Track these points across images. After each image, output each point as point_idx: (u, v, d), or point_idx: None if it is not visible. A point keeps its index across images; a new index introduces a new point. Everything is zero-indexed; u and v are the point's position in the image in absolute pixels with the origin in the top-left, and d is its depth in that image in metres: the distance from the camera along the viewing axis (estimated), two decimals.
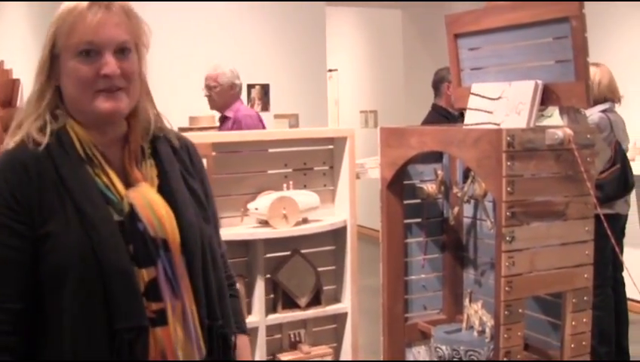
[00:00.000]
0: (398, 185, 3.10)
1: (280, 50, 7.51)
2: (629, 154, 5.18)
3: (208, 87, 5.34)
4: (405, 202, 3.15)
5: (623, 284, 5.25)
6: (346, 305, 3.42)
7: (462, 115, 4.07)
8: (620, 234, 5.20)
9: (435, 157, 3.21)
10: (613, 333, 5.10)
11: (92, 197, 1.67)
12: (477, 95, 2.98)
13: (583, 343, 2.70)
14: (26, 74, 8.51)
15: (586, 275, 2.69)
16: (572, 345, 2.68)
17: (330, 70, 9.89)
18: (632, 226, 5.93)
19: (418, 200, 3.23)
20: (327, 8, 8.06)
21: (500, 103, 2.86)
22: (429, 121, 5.51)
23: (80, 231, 1.63)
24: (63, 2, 1.74)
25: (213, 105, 5.41)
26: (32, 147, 1.69)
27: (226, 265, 1.98)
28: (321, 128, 6.31)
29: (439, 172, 3.20)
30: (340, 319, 3.46)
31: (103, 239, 1.63)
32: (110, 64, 1.69)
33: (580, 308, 2.69)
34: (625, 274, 5.09)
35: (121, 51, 1.71)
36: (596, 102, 5.03)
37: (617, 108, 5.15)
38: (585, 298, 2.69)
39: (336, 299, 3.47)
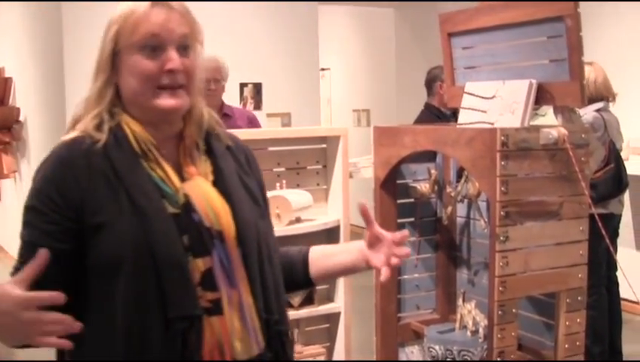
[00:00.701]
0: (391, 184, 3.09)
1: (272, 48, 7.50)
2: (622, 154, 5.18)
3: (215, 81, 4.75)
4: (398, 201, 3.14)
5: (617, 284, 5.25)
6: (339, 304, 3.41)
7: (454, 115, 4.06)
8: (613, 233, 5.20)
9: (429, 156, 3.20)
10: (607, 333, 5.10)
11: (146, 189, 1.68)
12: (471, 94, 2.97)
13: (577, 343, 2.70)
14: (18, 73, 8.51)
15: (580, 275, 2.68)
16: (566, 345, 2.67)
17: (322, 69, 9.88)
18: (625, 226, 5.95)
19: (411, 200, 3.22)
20: (319, 7, 8.05)
21: (494, 102, 2.85)
22: (421, 120, 5.50)
23: (134, 221, 1.64)
24: (60, 2, 1.75)
25: (217, 101, 4.80)
26: (87, 144, 1.70)
27: None
28: (315, 127, 6.30)
29: (432, 171, 3.19)
30: (332, 318, 3.45)
31: (156, 229, 1.64)
32: (174, 59, 1.71)
33: (574, 308, 2.68)
34: (619, 273, 5.10)
35: (183, 48, 1.74)
36: (591, 101, 5.03)
37: (611, 107, 5.16)
38: (579, 298, 2.68)
39: (329, 298, 3.46)
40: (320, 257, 1.99)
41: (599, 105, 5.04)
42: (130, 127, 1.73)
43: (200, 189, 1.73)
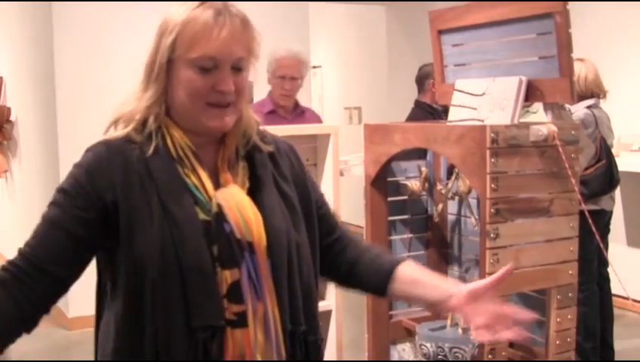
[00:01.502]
0: (382, 182, 3.09)
1: (263, 46, 7.37)
2: (613, 150, 5.20)
3: (292, 79, 4.62)
4: (389, 199, 3.14)
5: (608, 280, 5.27)
6: (330, 302, 3.41)
7: (446, 111, 4.06)
8: (604, 230, 5.22)
9: (419, 154, 3.20)
10: (599, 329, 5.11)
11: (178, 195, 1.68)
12: (461, 91, 2.97)
13: (568, 339, 2.70)
14: (9, 72, 8.48)
15: (570, 272, 2.69)
16: (557, 342, 2.68)
17: (314, 67, 9.87)
18: (617, 222, 5.96)
19: (402, 197, 3.22)
20: (311, 5, 8.05)
21: (484, 99, 2.85)
22: (413, 117, 5.50)
23: (163, 227, 1.64)
24: (51, 2, 1.74)
25: (289, 101, 4.70)
26: (126, 145, 1.71)
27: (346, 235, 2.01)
28: (306, 125, 6.28)
29: (423, 169, 3.19)
30: (324, 316, 3.45)
31: (185, 238, 1.64)
32: (227, 81, 1.71)
33: (565, 304, 2.68)
34: (610, 270, 5.11)
35: (237, 68, 1.74)
36: (582, 98, 5.05)
37: (602, 103, 5.17)
38: (570, 294, 2.69)
39: (320, 296, 3.44)
40: (408, 280, 1.91)
41: (590, 101, 5.06)
42: (169, 132, 1.73)
43: (233, 198, 1.71)
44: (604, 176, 4.93)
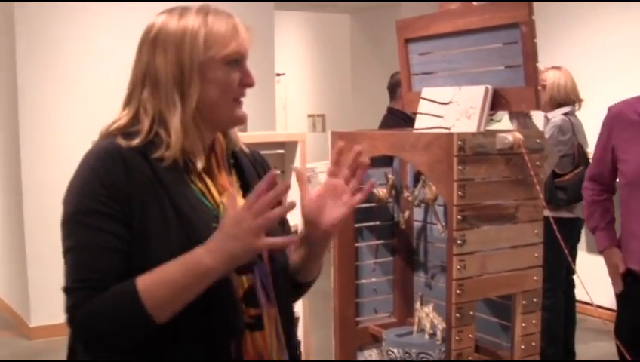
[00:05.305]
0: None
1: None
2: None
3: None
4: (356, 206, 3.15)
5: (574, 286, 5.35)
6: (297, 309, 3.41)
7: None
8: (576, 238, 5.29)
9: (386, 161, 3.22)
10: (562, 335, 5.18)
11: (190, 200, 1.70)
12: (427, 99, 3.00)
13: (533, 344, 2.74)
14: None
15: (535, 277, 2.72)
16: (522, 346, 2.71)
17: (278, 74, 9.89)
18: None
19: (369, 204, 3.23)
20: (275, 13, 8.07)
21: (451, 108, 2.88)
22: (387, 124, 5.53)
23: (180, 233, 1.64)
24: (13, 2, 1.73)
25: None
26: (129, 142, 1.69)
27: None
28: (273, 132, 6.30)
29: (390, 176, 3.21)
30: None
31: (204, 242, 1.62)
32: (251, 75, 1.79)
33: (530, 309, 2.72)
34: (575, 276, 5.18)
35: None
36: (559, 105, 5.12)
37: (577, 111, 5.25)
38: (534, 299, 2.72)
39: None
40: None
41: (567, 108, 5.13)
42: (172, 139, 1.72)
43: (239, 205, 1.73)
44: (581, 182, 5.00)
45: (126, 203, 1.63)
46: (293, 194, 3.39)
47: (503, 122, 3.67)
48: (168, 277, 1.58)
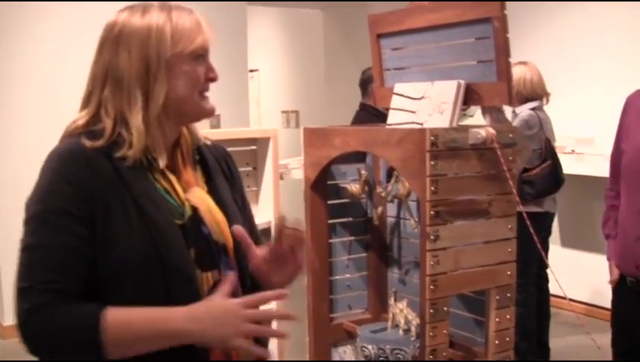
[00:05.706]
0: (321, 185, 3.10)
1: None
2: None
3: None
4: (329, 202, 3.15)
5: (547, 281, 5.37)
6: (271, 305, 3.39)
7: None
8: (547, 232, 5.31)
9: (358, 157, 3.21)
10: (535, 330, 5.21)
11: (154, 198, 1.68)
12: (399, 95, 2.99)
13: (507, 339, 2.74)
14: None
15: (509, 272, 2.72)
16: (496, 341, 2.71)
17: (251, 70, 9.86)
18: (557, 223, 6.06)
19: (342, 200, 3.23)
20: (248, 8, 8.04)
21: (423, 103, 2.87)
22: (359, 120, 5.51)
23: (143, 231, 1.63)
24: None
25: None
26: (93, 142, 1.67)
27: None
28: (245, 129, 6.28)
29: (363, 172, 3.20)
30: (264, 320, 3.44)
31: (167, 241, 1.64)
32: (215, 69, 1.82)
33: (504, 304, 2.72)
34: (548, 270, 5.20)
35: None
36: (526, 100, 5.15)
37: (544, 106, 5.27)
38: (508, 294, 2.72)
39: None
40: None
41: (534, 103, 5.16)
42: (134, 137, 1.70)
43: (204, 202, 1.74)
44: (549, 177, 5.02)
45: (90, 203, 1.62)
46: (267, 191, 3.39)
47: (476, 117, 3.66)
48: (136, 323, 1.58)
